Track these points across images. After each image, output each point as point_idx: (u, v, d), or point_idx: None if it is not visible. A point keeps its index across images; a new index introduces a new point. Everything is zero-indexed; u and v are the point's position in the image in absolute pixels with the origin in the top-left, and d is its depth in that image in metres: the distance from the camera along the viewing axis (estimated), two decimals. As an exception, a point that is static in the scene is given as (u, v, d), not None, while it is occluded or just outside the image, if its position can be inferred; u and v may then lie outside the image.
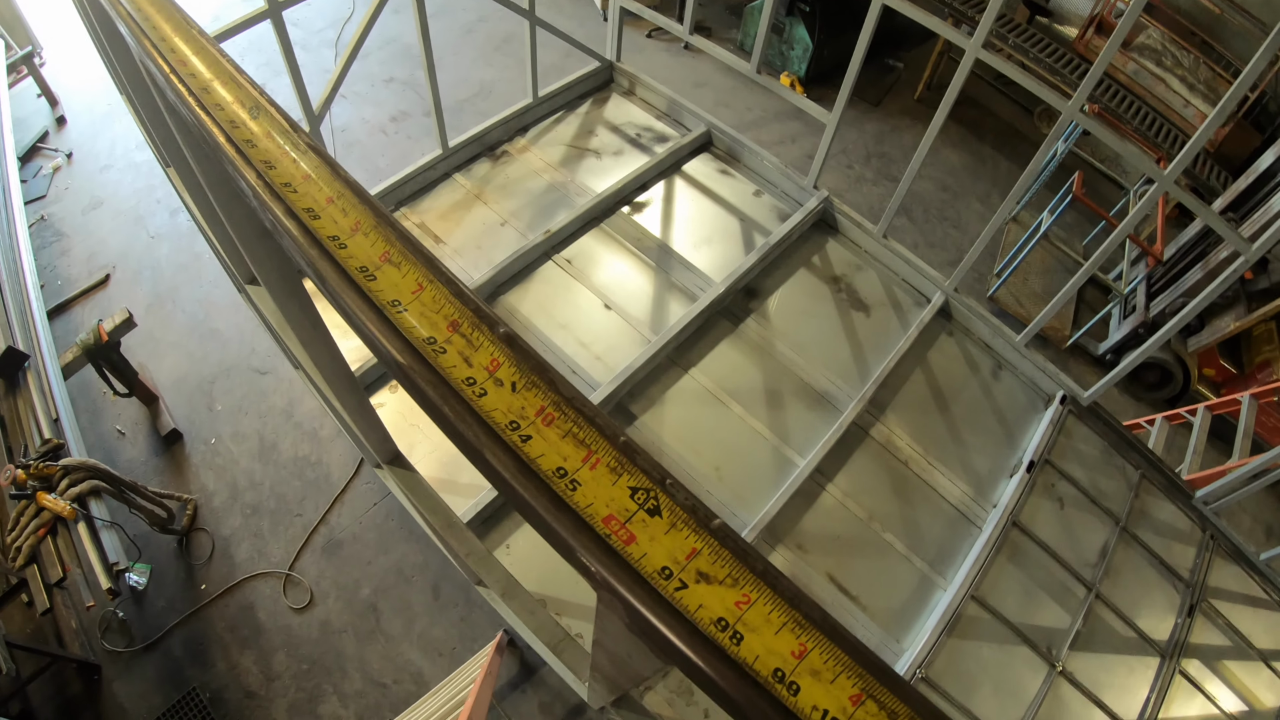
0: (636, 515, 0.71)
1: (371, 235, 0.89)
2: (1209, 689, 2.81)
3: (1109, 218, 5.61)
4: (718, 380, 2.98)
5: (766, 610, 0.67)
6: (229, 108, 0.99)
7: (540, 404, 0.76)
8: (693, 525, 0.70)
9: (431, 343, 0.80)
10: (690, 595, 0.67)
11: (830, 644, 0.66)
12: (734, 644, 0.65)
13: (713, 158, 3.75)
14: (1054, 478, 3.09)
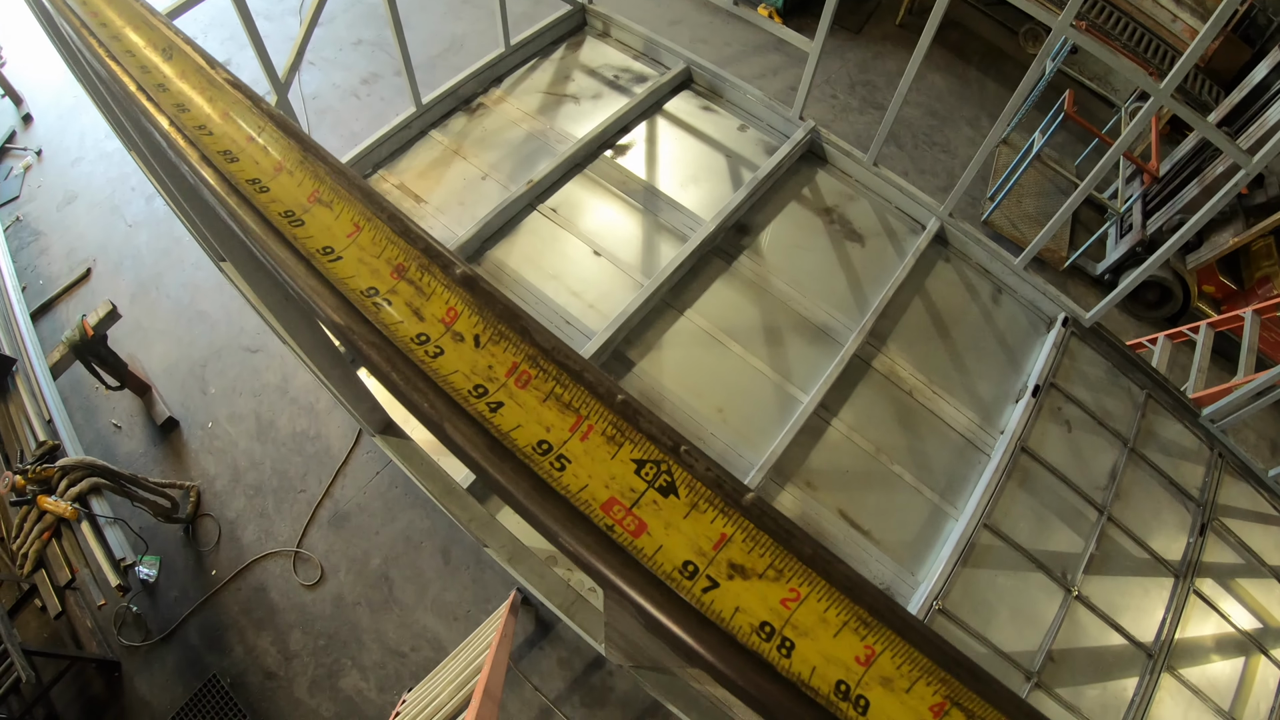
0: (646, 496, 0.56)
1: (298, 173, 0.74)
2: (1224, 608, 2.80)
3: (1102, 135, 5.51)
4: (714, 320, 2.92)
5: (821, 607, 0.53)
6: (140, 53, 0.88)
7: (512, 360, 0.61)
8: (719, 504, 0.55)
9: (372, 294, 0.65)
10: (723, 596, 0.53)
11: (903, 643, 0.53)
12: (784, 655, 0.52)
13: (694, 95, 3.65)
14: (1060, 401, 3.05)
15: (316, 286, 0.66)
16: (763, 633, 0.53)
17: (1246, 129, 5.64)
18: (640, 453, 0.58)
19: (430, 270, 0.65)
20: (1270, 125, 5.37)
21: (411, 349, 0.62)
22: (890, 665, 0.53)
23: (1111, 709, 2.52)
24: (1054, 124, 5.55)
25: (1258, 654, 2.77)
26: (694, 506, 0.56)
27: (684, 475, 0.57)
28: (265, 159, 0.76)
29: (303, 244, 0.68)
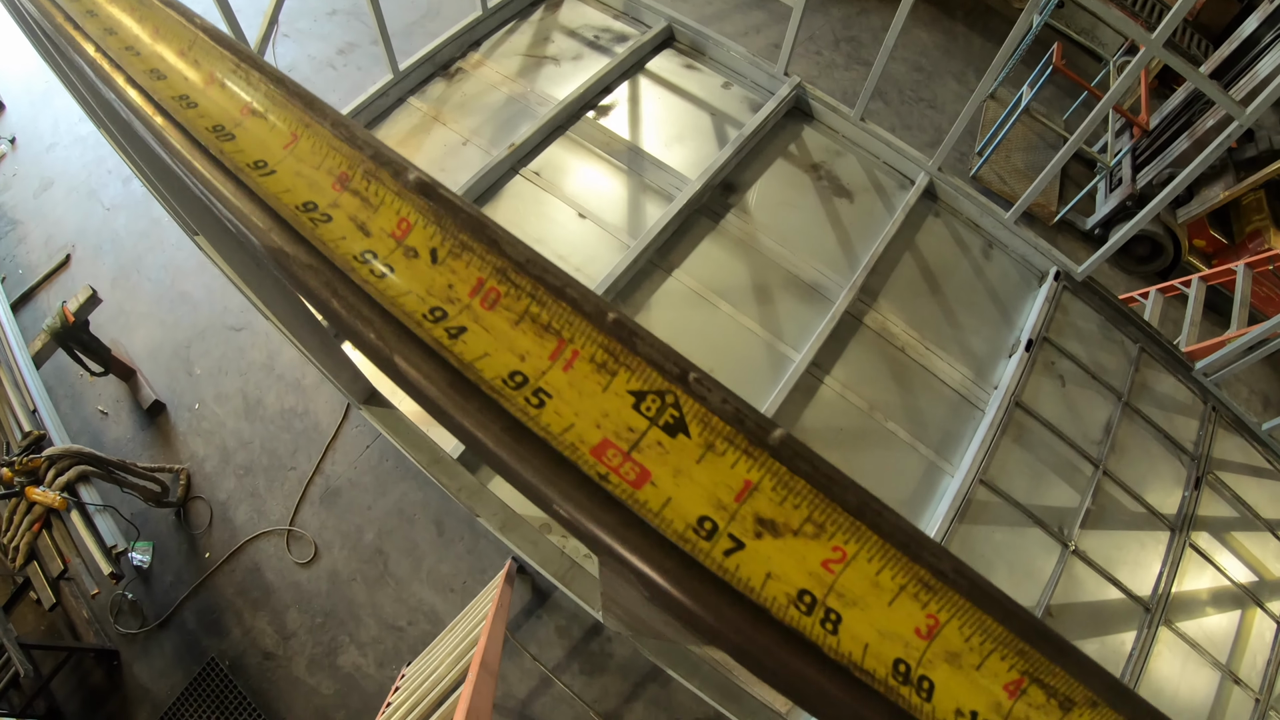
0: (648, 437, 0.45)
1: (232, 82, 0.65)
2: (1219, 561, 2.82)
3: (1091, 88, 5.47)
4: (703, 280, 2.88)
5: (873, 569, 0.43)
6: None
7: (477, 276, 0.50)
8: (741, 443, 0.44)
9: (310, 208, 0.54)
10: (751, 560, 0.43)
11: (974, 609, 0.43)
12: (829, 631, 0.42)
13: (676, 53, 3.57)
14: (1053, 355, 3.04)
15: (246, 205, 0.56)
16: (802, 604, 0.42)
17: (1236, 82, 5.60)
18: (639, 382, 0.46)
19: (378, 177, 0.55)
20: (1261, 78, 5.33)
21: (354, 268, 0.51)
22: (958, 637, 0.43)
23: (1110, 663, 2.53)
24: (1042, 78, 5.49)
25: (1253, 607, 2.79)
26: (709, 448, 0.44)
27: (695, 409, 0.45)
28: (196, 73, 0.68)
29: (231, 159, 0.59)
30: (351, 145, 0.57)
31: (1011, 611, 0.44)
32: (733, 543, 0.43)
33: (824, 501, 0.44)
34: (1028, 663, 0.44)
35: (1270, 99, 2.31)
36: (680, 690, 3.68)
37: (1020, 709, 0.43)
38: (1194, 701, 2.58)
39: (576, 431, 0.45)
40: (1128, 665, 2.53)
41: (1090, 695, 0.44)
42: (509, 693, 3.73)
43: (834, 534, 0.44)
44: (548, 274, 0.49)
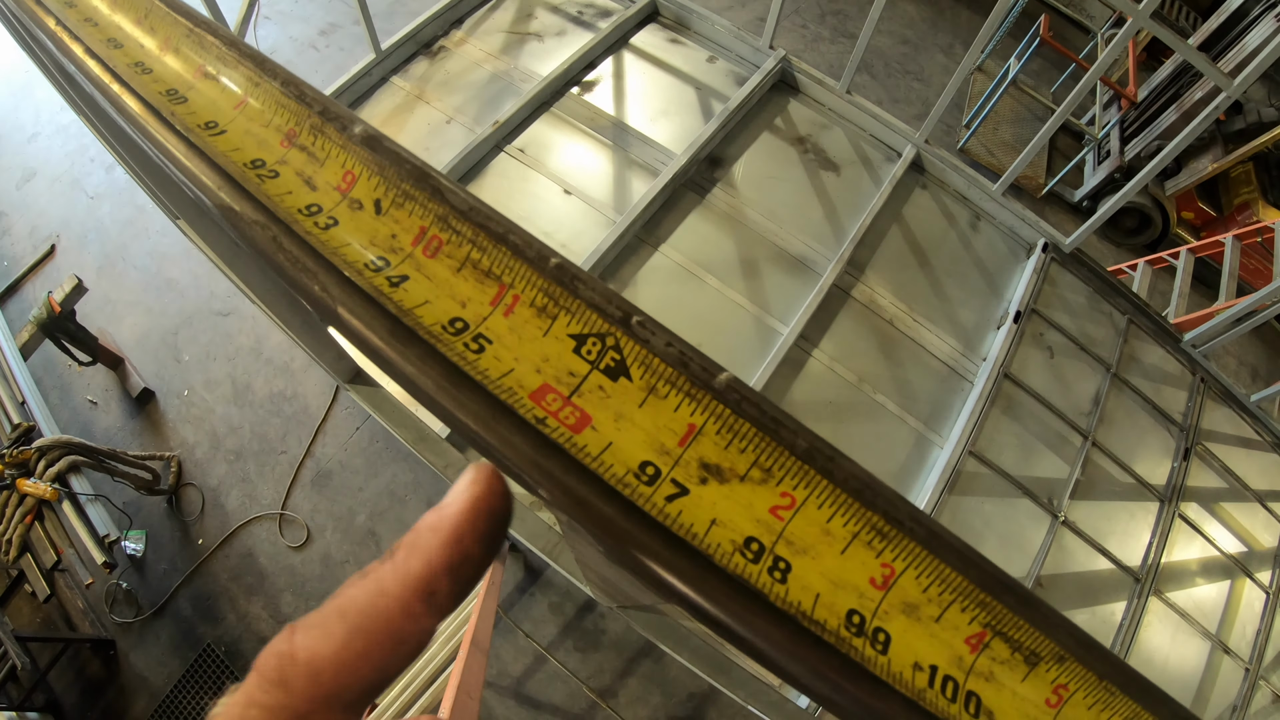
0: (589, 381, 0.43)
1: (184, 50, 0.64)
2: (1208, 531, 2.83)
3: (1079, 60, 5.46)
4: (690, 255, 2.87)
5: (824, 516, 0.41)
6: None
7: (419, 225, 0.49)
8: (685, 386, 0.42)
9: (258, 165, 0.53)
10: (695, 506, 0.41)
11: (931, 558, 0.41)
12: (777, 580, 0.40)
13: (661, 28, 3.54)
14: (1042, 327, 3.04)
15: (196, 165, 0.55)
16: (748, 551, 0.41)
17: (1224, 55, 5.60)
18: (580, 326, 0.44)
19: (324, 131, 0.53)
20: (1249, 51, 5.33)
21: (298, 220, 0.50)
22: (915, 588, 0.41)
23: (1100, 633, 2.55)
24: (1029, 50, 5.48)
25: (1242, 577, 2.81)
26: (652, 390, 0.42)
27: (637, 352, 0.43)
28: (151, 39, 0.66)
29: (182, 120, 0.58)
30: (300, 102, 0.55)
31: (972, 561, 0.41)
32: (676, 488, 0.41)
33: (772, 446, 0.42)
34: (990, 615, 0.42)
35: (1258, 71, 2.30)
36: (673, 665, 3.70)
37: (983, 663, 0.42)
38: (1184, 671, 2.60)
39: (515, 376, 0.44)
40: (1118, 635, 2.55)
41: (1057, 649, 0.42)
42: (503, 670, 3.75)
43: (782, 479, 0.41)
44: (490, 221, 0.47)
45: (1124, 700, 0.44)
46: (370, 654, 0.32)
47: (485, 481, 0.36)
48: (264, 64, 0.59)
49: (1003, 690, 0.42)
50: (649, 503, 0.41)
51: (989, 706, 0.41)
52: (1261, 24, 5.45)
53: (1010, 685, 0.42)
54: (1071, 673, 0.43)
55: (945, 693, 0.41)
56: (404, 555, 0.34)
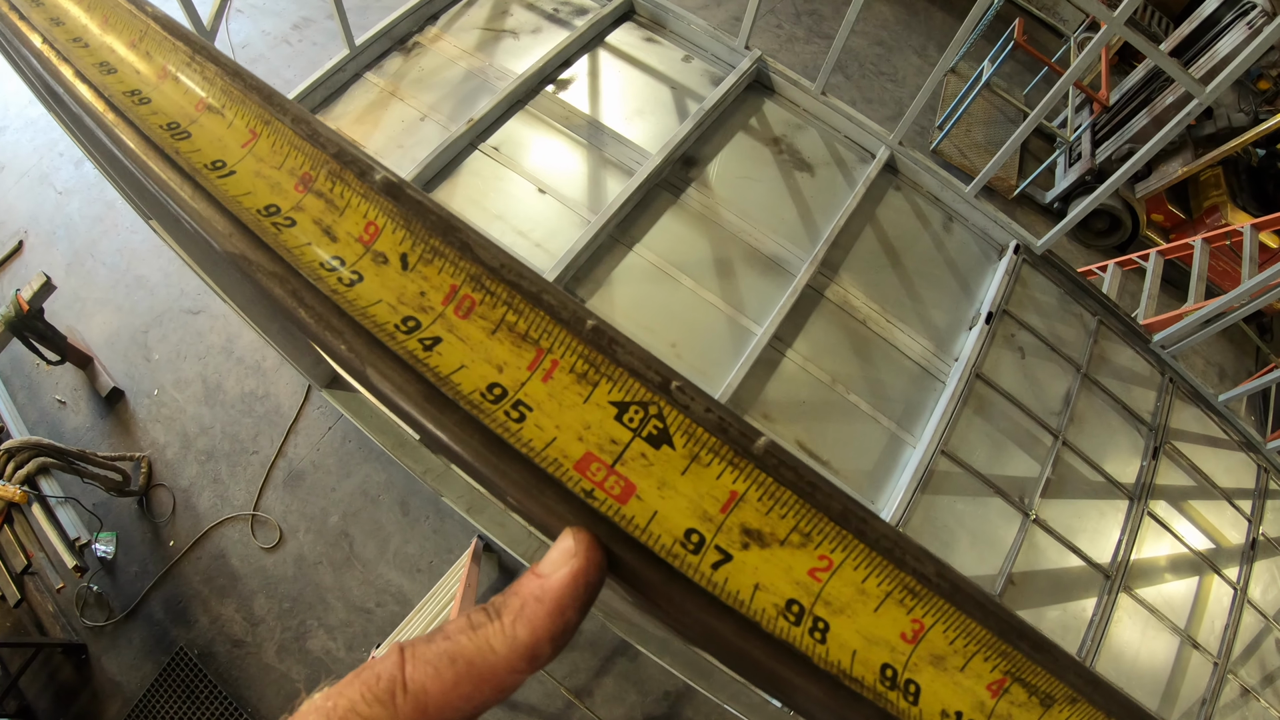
0: (632, 449, 0.44)
1: (185, 77, 0.61)
2: (1177, 528, 2.88)
3: (1052, 64, 5.53)
4: (664, 254, 2.86)
5: (859, 577, 0.43)
6: None
7: (450, 283, 0.47)
8: (726, 454, 0.43)
9: (272, 212, 0.51)
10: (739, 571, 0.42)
11: (956, 612, 0.44)
12: (818, 641, 0.42)
13: (636, 26, 3.53)
14: (1013, 327, 3.07)
15: (205, 208, 0.52)
16: (790, 614, 0.42)
17: (1196, 61, 5.69)
18: (621, 393, 0.44)
19: (343, 178, 0.51)
20: (1220, 57, 5.42)
21: (321, 277, 0.48)
22: (942, 641, 0.44)
23: (1072, 629, 2.58)
24: (1003, 53, 5.54)
25: (1211, 573, 2.86)
26: (694, 459, 0.43)
27: (679, 419, 0.44)
28: (147, 66, 0.64)
29: (187, 159, 0.55)
30: (314, 143, 0.54)
31: (992, 612, 0.44)
32: (720, 555, 0.43)
33: (809, 510, 0.44)
34: (1009, 662, 0.44)
35: (1230, 78, 2.34)
36: (649, 664, 3.71)
37: (1003, 707, 0.44)
38: (1154, 665, 2.64)
39: (559, 445, 0.44)
40: (1089, 631, 2.58)
41: (1069, 691, 0.45)
42: (479, 673, 3.73)
43: (820, 542, 0.44)
44: (523, 279, 0.47)
45: None
46: (473, 699, 0.36)
47: (585, 554, 0.40)
48: (272, 98, 0.58)
49: (1021, 732, 0.45)
50: (697, 572, 0.42)
51: None
52: (1233, 31, 5.55)
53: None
54: (1083, 713, 0.45)
55: None
56: (510, 622, 0.38)
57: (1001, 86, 6.03)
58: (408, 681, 0.36)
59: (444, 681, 0.36)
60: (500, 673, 0.37)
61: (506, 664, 0.37)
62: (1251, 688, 2.73)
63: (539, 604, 0.39)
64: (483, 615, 0.39)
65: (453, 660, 0.37)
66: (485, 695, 0.37)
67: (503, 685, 0.37)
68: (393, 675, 0.36)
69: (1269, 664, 2.82)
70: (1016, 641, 0.44)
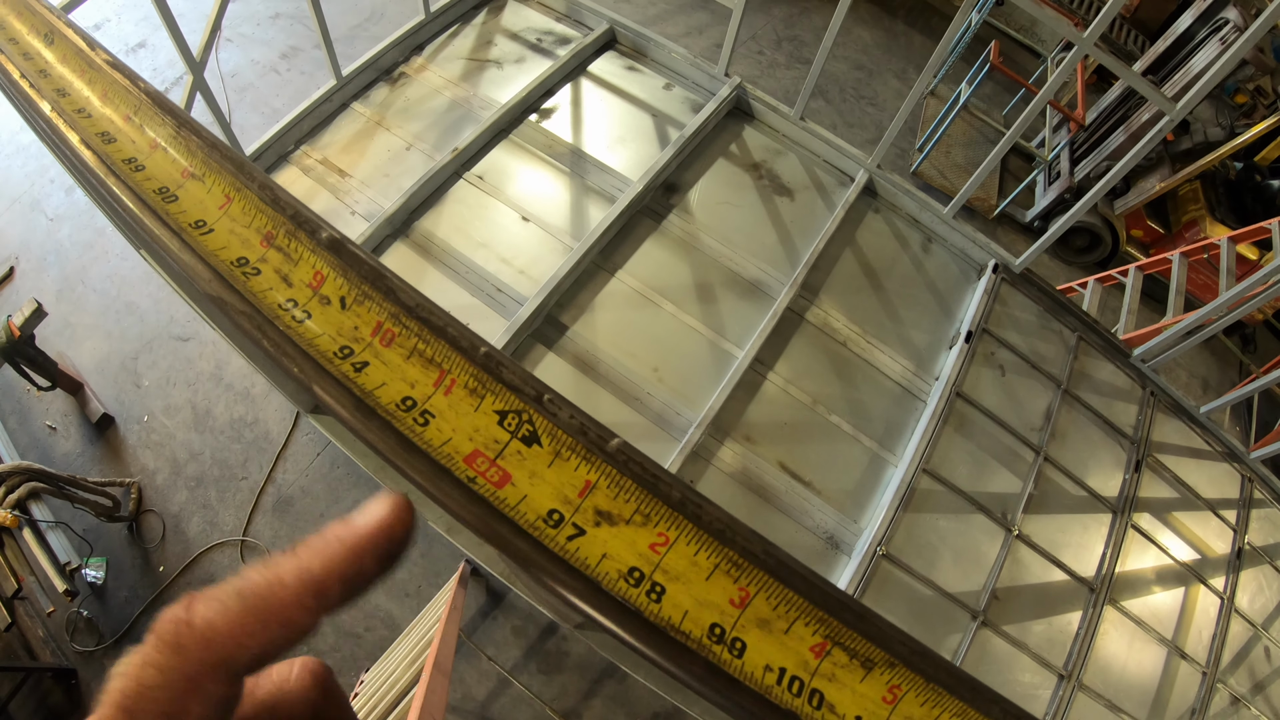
0: (509, 447, 0.56)
1: (173, 149, 0.75)
2: (1161, 540, 2.91)
3: (1028, 85, 5.61)
4: (646, 280, 2.91)
5: (691, 551, 0.54)
6: (23, 39, 0.87)
7: (376, 319, 0.61)
8: (583, 451, 0.55)
9: (242, 264, 0.65)
10: (589, 543, 0.54)
11: (779, 584, 0.53)
12: (653, 600, 0.52)
13: (618, 55, 3.60)
14: (993, 346, 3.11)
15: (190, 261, 0.66)
16: (631, 578, 0.53)
17: (1171, 77, 5.78)
18: (502, 404, 0.58)
19: (297, 236, 0.65)
20: (1193, 74, 5.51)
21: (279, 315, 0.62)
22: (766, 607, 0.53)
23: (1058, 643, 2.61)
24: (980, 75, 5.63)
25: (1196, 583, 2.90)
26: (557, 455, 0.56)
27: (546, 424, 0.56)
28: (141, 137, 0.77)
29: (175, 219, 0.69)
30: (275, 207, 0.67)
31: (815, 585, 0.53)
32: (575, 529, 0.54)
33: (650, 497, 0.54)
34: (829, 629, 0.53)
35: (1200, 94, 2.39)
36: (637, 686, 3.71)
37: (826, 666, 0.53)
38: (1142, 677, 2.66)
39: (453, 444, 0.57)
40: (1075, 644, 2.61)
41: (888, 656, 0.53)
42: (468, 694, 3.73)
43: (658, 523, 0.54)
44: (432, 316, 0.61)
45: (952, 700, 0.55)
46: (259, 633, 0.36)
47: (396, 511, 0.41)
48: (243, 168, 0.71)
49: (844, 689, 0.53)
50: (553, 542, 0.54)
51: (830, 701, 0.53)
52: (1207, 47, 5.65)
53: (850, 685, 0.53)
54: (902, 675, 0.54)
55: (791, 689, 0.53)
56: (307, 555, 0.38)
57: (980, 108, 6.12)
58: (193, 619, 0.35)
59: (230, 616, 0.35)
60: (289, 606, 0.36)
61: (295, 598, 0.37)
62: (1241, 696, 2.75)
63: (339, 544, 0.39)
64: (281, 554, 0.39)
65: (240, 595, 0.36)
66: (274, 631, 0.36)
67: (291, 621, 0.36)
68: (177, 616, 0.35)
69: (1258, 671, 2.85)
70: (838, 611, 0.53)
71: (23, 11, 0.90)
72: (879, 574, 2.49)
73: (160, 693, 0.34)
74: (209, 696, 0.35)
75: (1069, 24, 2.68)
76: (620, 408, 2.66)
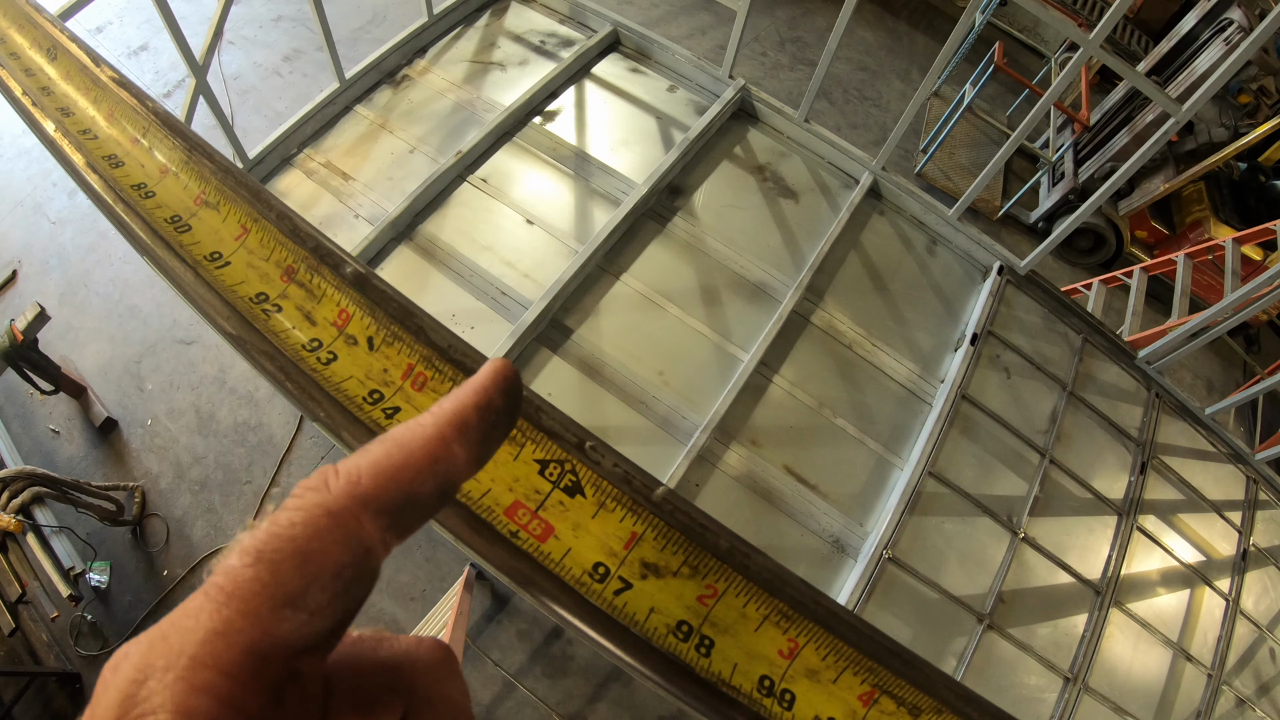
0: (551, 498, 0.53)
1: (184, 175, 0.70)
2: (1167, 542, 2.90)
3: (1032, 86, 5.60)
4: (651, 283, 2.90)
5: (740, 602, 0.52)
6: (25, 54, 0.83)
7: (407, 362, 0.58)
8: (628, 502, 0.53)
9: (262, 300, 0.61)
10: (637, 597, 0.52)
11: (827, 634, 0.51)
12: (703, 655, 0.51)
13: (622, 57, 3.60)
14: (998, 348, 3.10)
15: (206, 296, 0.63)
16: (679, 632, 0.52)
17: (1175, 78, 5.77)
18: (543, 452, 0.55)
19: (320, 271, 0.61)
20: (1199, 74, 5.49)
21: (303, 357, 0.59)
22: (815, 657, 0.51)
23: (1063, 646, 2.59)
24: (984, 76, 5.62)
25: (1202, 585, 2.88)
26: (601, 506, 0.54)
27: (589, 474, 0.54)
28: (151, 162, 0.72)
29: (189, 251, 0.64)
30: (294, 239, 0.63)
31: (864, 635, 0.51)
32: (622, 584, 0.53)
33: (697, 549, 0.53)
34: (877, 677, 0.51)
35: (1206, 95, 2.38)
36: (642, 689, 3.71)
37: (873, 715, 0.51)
38: (1147, 679, 2.65)
39: (492, 496, 0.54)
40: (1080, 647, 2.59)
41: (935, 703, 0.51)
42: (473, 699, 3.68)
43: (707, 574, 0.52)
44: (467, 359, 0.57)
45: None
46: (406, 466, 0.34)
47: (503, 363, 0.41)
48: (259, 195, 0.66)
49: (890, 737, 0.51)
50: (600, 598, 0.53)
51: None
52: (1211, 47, 5.63)
53: (896, 733, 0.51)
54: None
55: None
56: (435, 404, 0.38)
57: (984, 109, 6.11)
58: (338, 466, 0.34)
59: (373, 455, 0.34)
60: (431, 440, 0.35)
61: (435, 431, 0.36)
62: (1247, 698, 2.74)
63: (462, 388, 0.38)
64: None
65: (382, 440, 0.35)
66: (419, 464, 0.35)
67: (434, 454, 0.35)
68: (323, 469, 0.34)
69: (1264, 673, 2.83)
70: (886, 659, 0.51)
71: (24, 25, 0.85)
72: (885, 578, 2.49)
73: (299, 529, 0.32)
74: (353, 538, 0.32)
75: (1074, 25, 2.67)
76: (626, 411, 2.65)
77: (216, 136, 2.81)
